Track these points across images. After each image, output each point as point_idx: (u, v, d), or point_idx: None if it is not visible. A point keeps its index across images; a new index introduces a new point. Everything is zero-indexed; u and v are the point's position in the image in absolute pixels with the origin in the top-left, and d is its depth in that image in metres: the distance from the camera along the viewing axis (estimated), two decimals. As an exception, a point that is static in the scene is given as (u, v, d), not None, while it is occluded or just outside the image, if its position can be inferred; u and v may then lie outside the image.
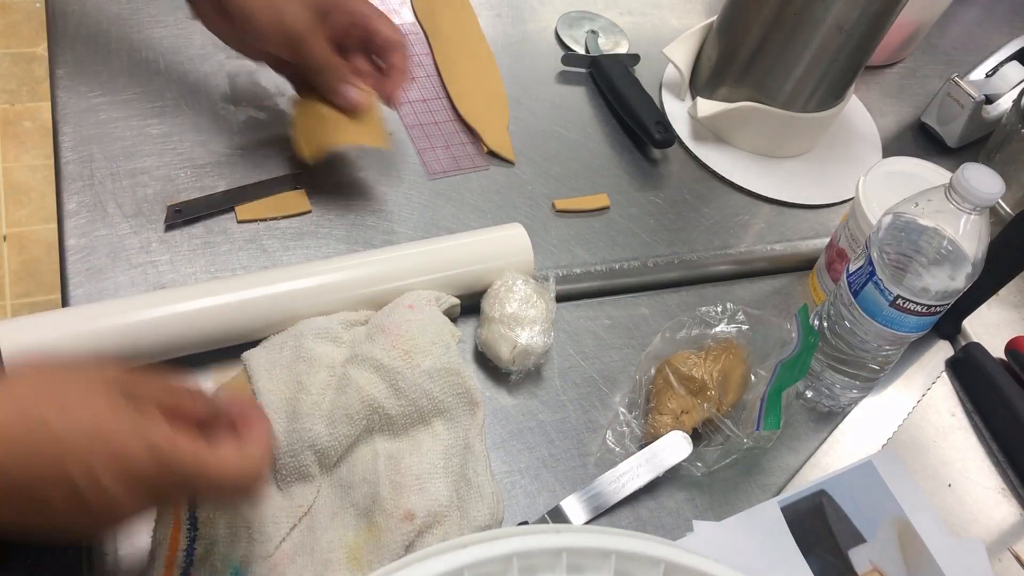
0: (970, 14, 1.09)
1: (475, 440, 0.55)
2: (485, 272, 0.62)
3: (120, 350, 0.53)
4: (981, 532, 0.61)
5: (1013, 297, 0.77)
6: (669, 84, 0.86)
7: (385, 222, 0.68)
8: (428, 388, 0.55)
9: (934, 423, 0.66)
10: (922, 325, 0.58)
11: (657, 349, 0.62)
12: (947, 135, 0.88)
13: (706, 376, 0.59)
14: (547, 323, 0.60)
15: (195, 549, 0.47)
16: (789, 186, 0.81)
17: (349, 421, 0.53)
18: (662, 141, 0.77)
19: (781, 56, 0.75)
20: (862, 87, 0.93)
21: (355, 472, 0.53)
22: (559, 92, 0.83)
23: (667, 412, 0.58)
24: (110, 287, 0.59)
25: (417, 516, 0.50)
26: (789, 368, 0.59)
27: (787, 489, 0.60)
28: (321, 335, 0.56)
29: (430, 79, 0.80)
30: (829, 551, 0.56)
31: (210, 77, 0.73)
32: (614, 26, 0.90)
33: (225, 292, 0.56)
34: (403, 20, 0.85)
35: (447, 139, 0.76)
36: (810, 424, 0.65)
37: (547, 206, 0.73)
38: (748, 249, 0.75)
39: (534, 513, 0.55)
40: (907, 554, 0.57)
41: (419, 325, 0.56)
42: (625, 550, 0.42)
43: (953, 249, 0.54)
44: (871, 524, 0.58)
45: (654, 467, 0.57)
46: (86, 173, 0.65)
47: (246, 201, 0.66)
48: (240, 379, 0.55)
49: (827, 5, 0.70)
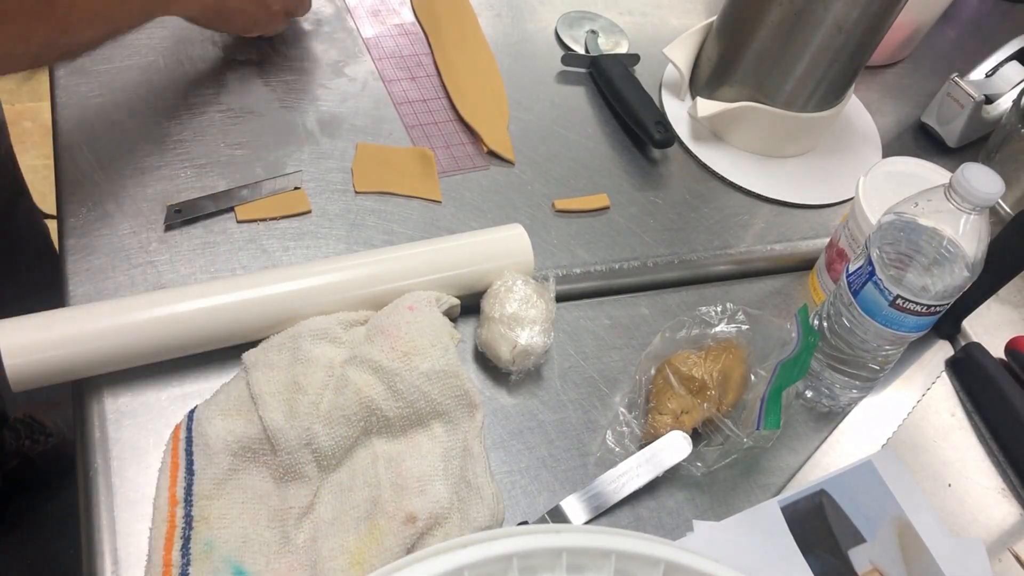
0: (970, 14, 1.09)
1: (474, 442, 0.55)
2: (485, 272, 0.62)
3: (120, 350, 0.53)
4: (981, 532, 0.61)
5: (1013, 297, 0.77)
6: (669, 84, 0.86)
7: (385, 222, 0.68)
8: (426, 390, 0.55)
9: (934, 423, 0.66)
10: (922, 325, 0.58)
11: (657, 349, 0.62)
12: (947, 135, 0.88)
13: (706, 376, 0.59)
14: (547, 323, 0.60)
15: (190, 549, 0.47)
16: (789, 186, 0.81)
17: (347, 422, 0.53)
18: (662, 141, 0.77)
19: (781, 56, 0.75)
20: (862, 87, 0.93)
21: (355, 476, 0.53)
22: (559, 92, 0.83)
23: (667, 412, 0.58)
24: (110, 287, 0.59)
25: (419, 518, 0.50)
26: (789, 368, 0.59)
27: (787, 489, 0.60)
28: (320, 336, 0.56)
29: (430, 79, 0.80)
30: (829, 551, 0.56)
31: (210, 77, 0.73)
32: (614, 26, 0.90)
33: (225, 292, 0.56)
34: (403, 20, 0.85)
35: (447, 139, 0.76)
36: (810, 424, 0.65)
37: (547, 206, 0.73)
38: (748, 249, 0.75)
39: (534, 513, 0.55)
40: (907, 554, 0.57)
41: (418, 327, 0.56)
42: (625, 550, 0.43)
43: (953, 249, 0.54)
44: (871, 524, 0.58)
45: (654, 467, 0.57)
46: (86, 173, 0.65)
47: (246, 201, 0.66)
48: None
49: (827, 5, 0.70)
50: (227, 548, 0.48)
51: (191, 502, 0.49)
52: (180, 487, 0.50)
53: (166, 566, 0.47)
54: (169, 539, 0.48)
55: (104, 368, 0.53)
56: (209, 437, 0.51)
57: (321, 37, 0.81)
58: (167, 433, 0.53)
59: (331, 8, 0.84)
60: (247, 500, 0.51)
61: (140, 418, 0.54)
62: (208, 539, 0.48)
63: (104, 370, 0.54)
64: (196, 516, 0.49)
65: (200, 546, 0.48)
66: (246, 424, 0.52)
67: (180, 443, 0.52)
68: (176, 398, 0.55)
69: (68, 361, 0.52)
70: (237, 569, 0.48)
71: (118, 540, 0.49)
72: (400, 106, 0.77)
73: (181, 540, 0.48)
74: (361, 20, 0.84)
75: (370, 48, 0.81)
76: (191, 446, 0.52)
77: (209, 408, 0.53)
